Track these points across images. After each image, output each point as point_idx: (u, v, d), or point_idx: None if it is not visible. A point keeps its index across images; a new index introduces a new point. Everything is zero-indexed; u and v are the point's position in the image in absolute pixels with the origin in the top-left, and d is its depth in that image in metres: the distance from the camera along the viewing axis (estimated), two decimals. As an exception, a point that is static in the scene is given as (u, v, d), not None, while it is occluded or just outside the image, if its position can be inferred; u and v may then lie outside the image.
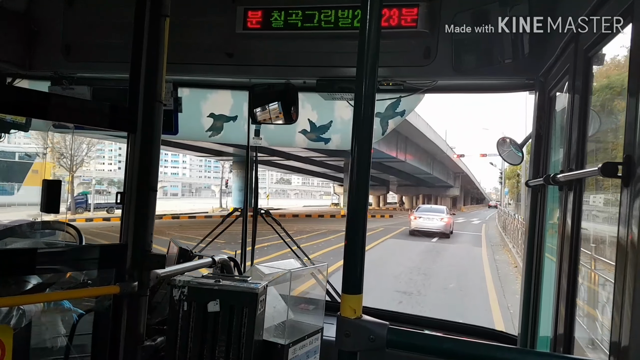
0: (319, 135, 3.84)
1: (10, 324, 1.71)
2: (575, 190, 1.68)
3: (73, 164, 34.59)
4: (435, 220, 24.44)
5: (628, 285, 1.13)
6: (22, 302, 1.73)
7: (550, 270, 2.13)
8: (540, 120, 2.30)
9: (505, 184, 51.96)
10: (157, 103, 1.74)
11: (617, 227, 1.21)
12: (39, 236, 2.48)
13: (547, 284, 2.19)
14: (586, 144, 1.70)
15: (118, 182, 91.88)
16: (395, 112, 3.08)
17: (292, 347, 1.90)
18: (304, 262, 2.71)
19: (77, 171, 37.45)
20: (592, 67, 1.69)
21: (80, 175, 50.66)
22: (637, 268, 1.08)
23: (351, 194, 1.12)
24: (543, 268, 2.26)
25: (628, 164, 1.15)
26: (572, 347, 1.69)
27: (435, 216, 24.82)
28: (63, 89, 2.82)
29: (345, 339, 1.08)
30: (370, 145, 1.13)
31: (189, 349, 1.77)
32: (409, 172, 49.85)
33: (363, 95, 1.12)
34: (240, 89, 3.10)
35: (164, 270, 1.84)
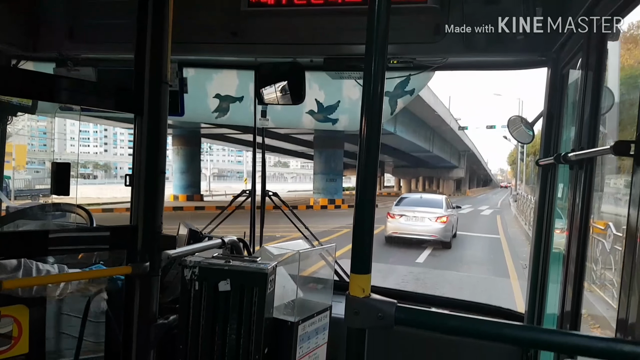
0: (327, 115, 3.84)
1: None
2: (586, 170, 1.66)
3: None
4: (427, 220, 14.74)
5: (636, 264, 1.13)
6: (36, 282, 1.76)
7: (558, 249, 2.13)
8: (552, 98, 2.26)
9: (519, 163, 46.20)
10: (163, 84, 1.74)
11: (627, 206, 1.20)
12: (50, 218, 2.51)
13: (555, 262, 2.20)
14: (599, 122, 1.68)
15: (105, 165, 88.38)
16: (404, 91, 3.05)
17: (302, 324, 1.93)
18: (312, 244, 2.73)
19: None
20: (607, 43, 1.66)
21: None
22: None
23: (360, 175, 1.12)
24: (551, 247, 2.26)
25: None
26: (578, 324, 1.70)
27: (426, 214, 14.87)
28: (68, 70, 2.81)
29: (354, 317, 1.09)
30: (380, 126, 1.12)
31: (201, 327, 1.80)
32: (406, 150, 42.80)
33: (372, 73, 1.10)
34: (246, 69, 3.08)
35: (175, 251, 1.86)
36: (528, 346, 2.01)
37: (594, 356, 1.00)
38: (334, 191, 30.29)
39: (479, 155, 72.56)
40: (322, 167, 30.76)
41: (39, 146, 50.81)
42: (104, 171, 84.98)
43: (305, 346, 1.96)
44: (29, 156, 41.09)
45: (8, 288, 1.45)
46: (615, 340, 1.04)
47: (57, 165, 1.79)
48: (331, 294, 2.20)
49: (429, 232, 14.56)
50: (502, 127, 26.65)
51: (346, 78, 2.74)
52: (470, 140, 57.93)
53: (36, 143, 49.61)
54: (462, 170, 63.94)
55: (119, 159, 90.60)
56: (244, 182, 63.57)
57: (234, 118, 3.89)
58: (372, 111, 1.11)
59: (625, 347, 0.98)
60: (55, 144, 50.90)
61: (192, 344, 1.80)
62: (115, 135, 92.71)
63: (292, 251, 2.07)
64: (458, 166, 61.40)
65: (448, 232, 14.87)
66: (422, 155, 46.27)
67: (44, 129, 33.70)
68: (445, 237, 14.67)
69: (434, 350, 2.33)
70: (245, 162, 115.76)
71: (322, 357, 2.10)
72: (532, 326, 2.12)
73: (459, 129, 44.49)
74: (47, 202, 2.60)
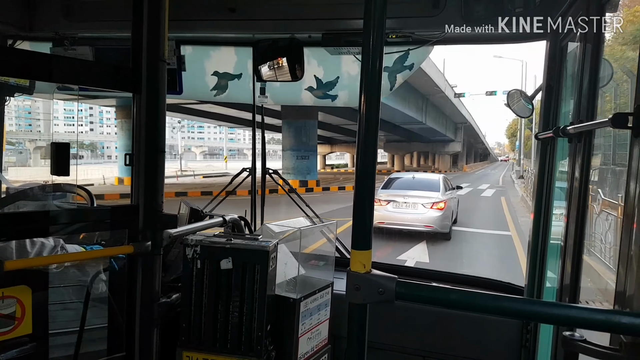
0: (326, 92, 3.80)
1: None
2: (585, 142, 1.66)
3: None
4: (421, 206, 11.90)
5: (635, 237, 1.14)
6: (38, 263, 1.77)
7: (558, 223, 2.14)
8: (551, 71, 2.24)
9: (518, 136, 43.13)
10: (160, 62, 1.72)
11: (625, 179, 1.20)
12: (51, 199, 2.52)
13: (555, 236, 2.21)
14: (597, 95, 1.67)
15: (90, 145, 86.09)
16: (403, 66, 3.01)
17: (304, 301, 1.95)
18: (313, 221, 2.74)
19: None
20: (606, 15, 1.63)
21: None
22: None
23: (359, 151, 1.12)
24: (551, 220, 2.27)
25: (639, 115, 1.13)
26: (577, 297, 1.71)
27: (420, 199, 12.03)
28: (65, 50, 2.78)
29: (355, 292, 1.10)
30: (379, 101, 1.11)
31: (204, 305, 1.82)
32: (397, 122, 37.11)
33: (371, 48, 1.09)
34: (244, 45, 3.05)
35: (176, 230, 1.87)
36: (528, 319, 2.04)
37: (592, 328, 1.02)
38: (306, 171, 25.21)
39: (477, 128, 65.88)
40: (292, 141, 25.44)
41: (25, 127, 49.94)
42: (90, 151, 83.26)
43: (307, 322, 1.99)
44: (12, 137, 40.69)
45: (10, 269, 1.46)
46: (613, 312, 1.05)
47: (57, 145, 1.79)
48: (332, 271, 2.22)
49: (423, 221, 11.71)
50: (503, 94, 22.05)
51: (345, 54, 2.70)
52: (468, 110, 51.01)
53: (23, 124, 48.98)
54: (459, 144, 57.62)
55: (105, 137, 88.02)
56: (224, 160, 60.73)
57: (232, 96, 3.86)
58: (372, 86, 1.10)
59: (624, 319, 0.99)
60: (41, 125, 49.75)
61: (195, 322, 1.82)
62: (101, 114, 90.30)
63: (293, 229, 2.08)
64: (454, 139, 55.33)
65: (446, 221, 11.95)
66: (415, 127, 39.93)
67: (29, 109, 32.82)
68: (444, 226, 11.81)
69: (435, 324, 2.36)
70: (236, 140, 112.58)
71: (324, 332, 2.13)
72: (532, 299, 2.15)
73: (454, 96, 38.49)
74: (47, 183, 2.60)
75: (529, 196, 19.52)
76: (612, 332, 1.14)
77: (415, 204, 11.99)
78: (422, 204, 11.91)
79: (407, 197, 12.16)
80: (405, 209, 12.05)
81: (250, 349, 1.79)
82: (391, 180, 13.98)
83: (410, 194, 12.31)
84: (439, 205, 11.85)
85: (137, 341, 1.77)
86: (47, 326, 1.78)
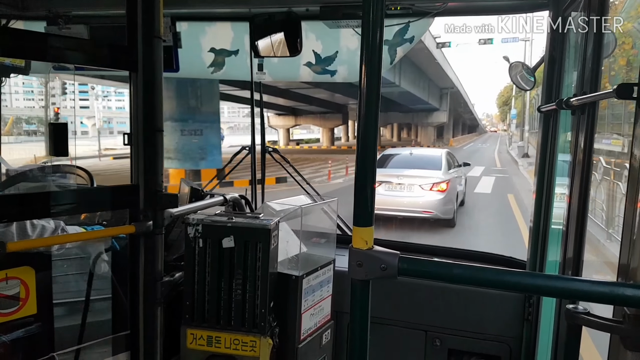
0: (325, 67, 3.75)
1: None
2: (589, 114, 1.63)
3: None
4: (418, 188, 10.13)
5: (639, 207, 1.13)
6: (41, 244, 1.77)
7: (560, 196, 2.13)
8: (554, 42, 2.20)
9: (513, 105, 39.31)
10: (156, 39, 1.69)
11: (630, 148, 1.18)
12: (51, 180, 2.51)
13: (557, 209, 2.20)
14: (601, 66, 1.64)
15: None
16: (404, 39, 2.97)
17: (306, 278, 1.96)
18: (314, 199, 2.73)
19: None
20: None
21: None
22: None
23: (360, 127, 1.10)
24: (553, 193, 2.26)
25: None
26: (580, 270, 1.71)
27: (418, 179, 10.23)
28: (59, 29, 2.73)
29: (357, 269, 1.10)
30: (380, 76, 1.08)
31: (207, 283, 1.83)
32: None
33: (370, 21, 1.06)
34: (240, 20, 2.99)
35: (178, 209, 1.87)
36: (530, 292, 2.05)
37: (595, 300, 1.02)
38: (198, 155, 15.21)
39: (465, 95, 54.22)
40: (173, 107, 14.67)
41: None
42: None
43: (310, 299, 2.00)
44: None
45: (13, 250, 1.46)
46: (616, 284, 1.05)
47: (54, 126, 1.77)
48: (334, 248, 2.22)
49: (421, 206, 9.94)
50: (502, 42, 15.98)
51: (344, 27, 2.65)
52: (455, 73, 42.23)
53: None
54: (444, 114, 46.92)
55: (79, 112, 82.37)
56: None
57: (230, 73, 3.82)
58: (372, 60, 1.07)
59: (627, 291, 0.99)
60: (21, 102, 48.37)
61: (198, 300, 1.84)
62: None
63: (294, 207, 2.08)
64: (439, 108, 45.47)
65: (449, 205, 10.17)
66: (387, 91, 28.37)
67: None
68: (446, 212, 10.06)
69: (437, 299, 2.38)
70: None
71: (326, 309, 2.15)
72: (535, 272, 2.15)
73: (437, 46, 27.91)
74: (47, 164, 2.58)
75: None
76: (616, 304, 1.14)
77: (411, 185, 10.17)
78: (420, 185, 10.13)
79: (403, 178, 10.29)
80: (400, 191, 10.18)
81: (254, 326, 1.80)
82: (385, 158, 11.77)
83: (406, 173, 10.45)
84: (441, 186, 10.04)
85: (141, 320, 1.78)
86: (52, 306, 1.79)
